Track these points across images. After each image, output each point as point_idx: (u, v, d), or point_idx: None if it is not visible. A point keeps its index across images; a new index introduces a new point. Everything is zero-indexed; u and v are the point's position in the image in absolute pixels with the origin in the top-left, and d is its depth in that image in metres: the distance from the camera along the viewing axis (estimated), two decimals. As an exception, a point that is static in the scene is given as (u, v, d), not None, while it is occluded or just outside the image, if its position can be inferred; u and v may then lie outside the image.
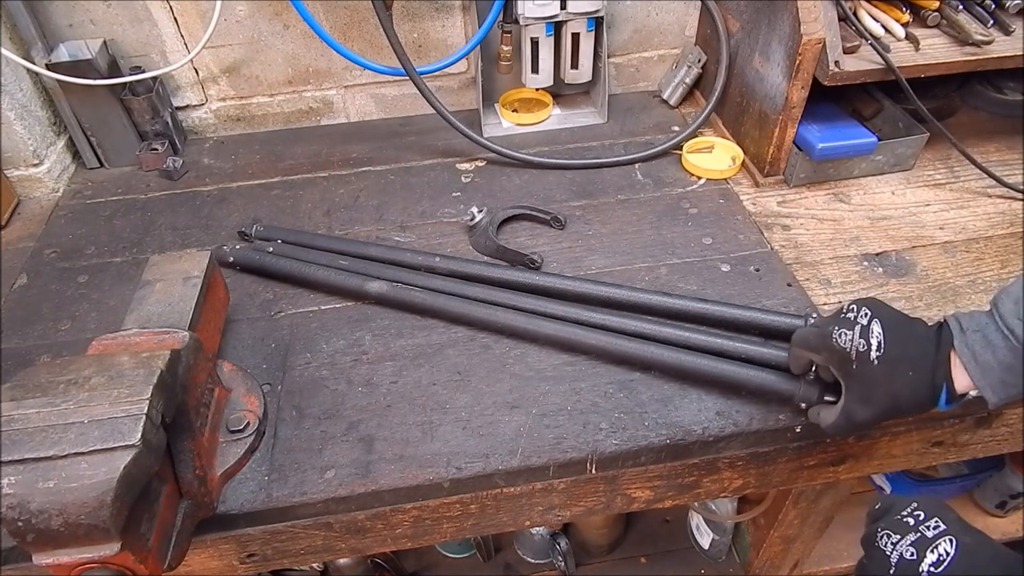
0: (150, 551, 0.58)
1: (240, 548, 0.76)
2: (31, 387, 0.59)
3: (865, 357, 0.60)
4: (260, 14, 1.15)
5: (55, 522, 0.52)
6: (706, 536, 1.43)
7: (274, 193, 1.13)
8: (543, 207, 1.05)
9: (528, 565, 1.49)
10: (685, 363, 0.77)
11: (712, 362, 0.76)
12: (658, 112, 1.30)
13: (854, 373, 0.62)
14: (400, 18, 1.17)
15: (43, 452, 0.54)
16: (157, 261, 0.80)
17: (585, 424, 0.76)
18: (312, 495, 0.71)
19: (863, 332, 0.61)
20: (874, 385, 0.61)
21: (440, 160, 1.19)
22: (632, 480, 0.79)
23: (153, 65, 1.16)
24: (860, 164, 1.09)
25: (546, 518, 0.82)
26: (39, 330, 0.90)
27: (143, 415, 0.56)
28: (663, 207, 1.07)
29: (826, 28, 0.93)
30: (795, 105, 1.00)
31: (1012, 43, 0.98)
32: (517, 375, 0.82)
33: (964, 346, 0.59)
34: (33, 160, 1.11)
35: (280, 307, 0.92)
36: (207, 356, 0.72)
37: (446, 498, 0.75)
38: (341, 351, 0.86)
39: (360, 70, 1.22)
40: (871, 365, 0.60)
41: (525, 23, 1.12)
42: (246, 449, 0.73)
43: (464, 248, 1.01)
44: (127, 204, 1.12)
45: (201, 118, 1.26)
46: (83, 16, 1.11)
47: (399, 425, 0.77)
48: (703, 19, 1.24)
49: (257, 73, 1.22)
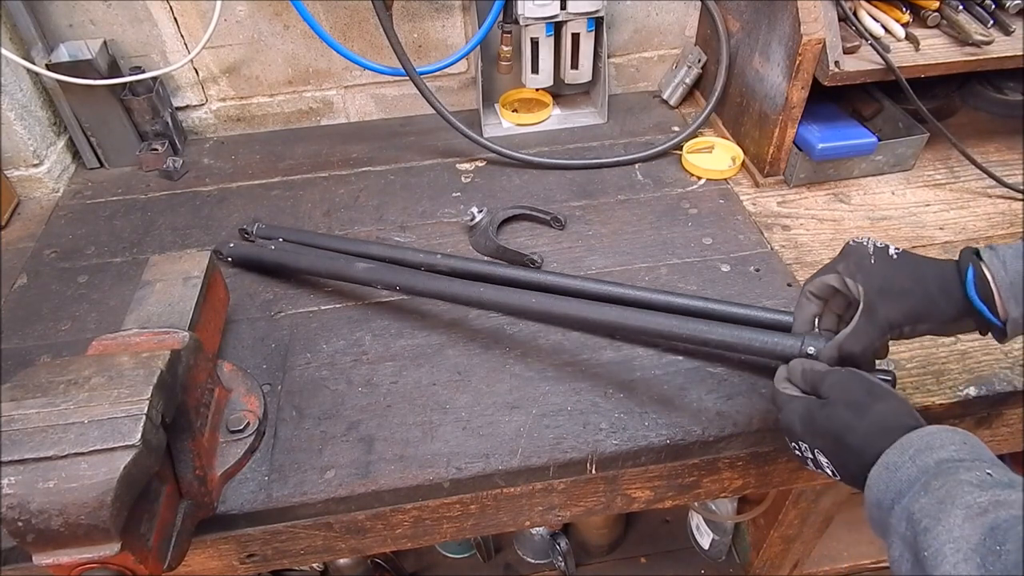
0: (150, 551, 0.58)
1: (240, 548, 0.76)
2: (31, 387, 0.59)
3: (884, 252, 0.59)
4: (260, 14, 1.15)
5: (55, 522, 0.52)
6: (706, 536, 1.43)
7: (274, 193, 1.13)
8: (543, 207, 1.05)
9: (528, 565, 1.49)
10: (685, 329, 0.74)
11: (711, 326, 0.73)
12: (658, 112, 1.30)
13: (872, 269, 0.58)
14: (400, 18, 1.18)
15: (43, 452, 0.53)
16: (157, 261, 0.80)
17: (585, 424, 0.76)
18: (312, 495, 0.71)
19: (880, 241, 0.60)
20: (896, 274, 0.58)
21: (440, 160, 1.19)
22: (632, 480, 0.79)
23: (153, 65, 1.16)
24: (860, 164, 1.09)
25: (546, 518, 0.82)
26: (39, 330, 0.90)
27: (143, 415, 0.56)
28: (663, 207, 1.07)
29: (826, 28, 0.93)
30: (795, 105, 1.00)
31: (1012, 43, 0.98)
32: (517, 375, 0.82)
33: (994, 256, 0.56)
34: (33, 160, 1.11)
35: (280, 307, 0.92)
36: (207, 356, 0.72)
37: (446, 498, 0.75)
38: (341, 351, 0.86)
39: (360, 70, 1.22)
40: (891, 260, 0.58)
41: (525, 23, 1.12)
42: (246, 449, 0.73)
43: (464, 248, 1.01)
44: (127, 204, 1.12)
45: (201, 118, 1.26)
46: (83, 16, 1.11)
47: (399, 425, 0.77)
48: (703, 19, 1.24)
49: (257, 73, 1.22)
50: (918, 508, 0.43)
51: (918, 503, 0.43)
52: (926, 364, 0.82)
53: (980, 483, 0.42)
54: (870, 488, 0.50)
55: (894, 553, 0.45)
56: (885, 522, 0.47)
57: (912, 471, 0.46)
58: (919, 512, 0.43)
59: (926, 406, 0.78)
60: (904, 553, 0.44)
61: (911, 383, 0.79)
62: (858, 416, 0.53)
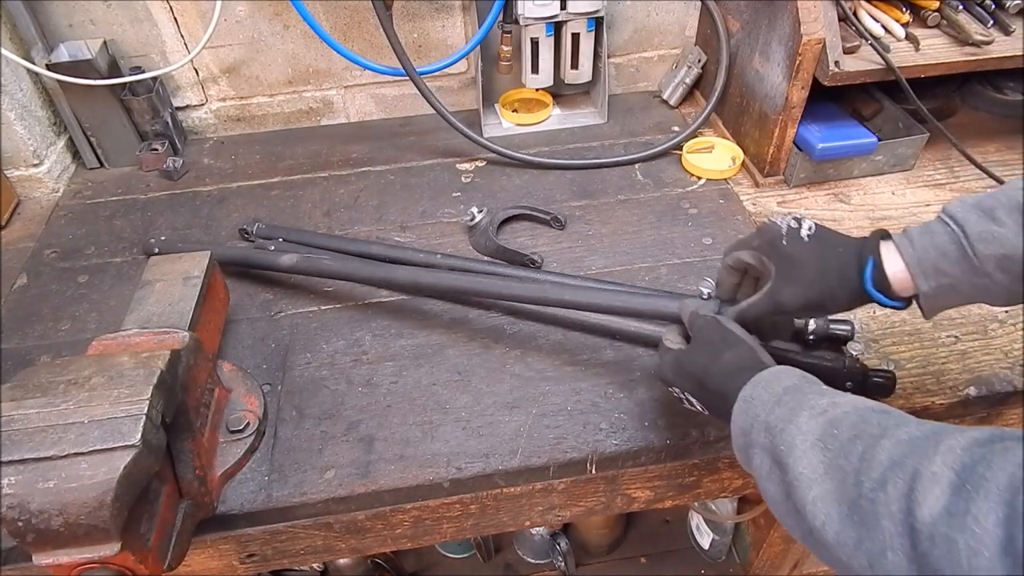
0: (150, 551, 0.58)
1: (240, 548, 0.76)
2: (31, 387, 0.59)
3: (795, 234, 0.63)
4: (260, 14, 1.15)
5: (55, 522, 0.52)
6: (706, 536, 1.43)
7: (274, 193, 1.13)
8: (543, 207, 1.05)
9: (528, 565, 1.49)
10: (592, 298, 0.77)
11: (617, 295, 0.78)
12: (658, 112, 1.30)
13: (784, 250, 0.62)
14: (400, 18, 1.17)
15: (43, 452, 0.54)
16: (157, 261, 0.80)
17: (585, 424, 0.76)
18: (312, 495, 0.71)
19: (795, 219, 0.64)
20: (804, 261, 0.62)
21: (440, 160, 1.19)
22: (632, 480, 0.79)
23: (153, 65, 1.16)
24: (860, 164, 1.09)
25: (546, 518, 0.82)
26: (39, 330, 0.90)
27: (143, 415, 0.56)
28: (663, 207, 1.07)
29: (826, 28, 0.93)
30: (795, 105, 1.00)
31: (1012, 43, 0.98)
32: (517, 375, 0.82)
33: (904, 234, 0.60)
34: (33, 160, 1.11)
35: (280, 307, 0.92)
36: (207, 356, 0.72)
37: (446, 498, 0.75)
38: (341, 351, 0.86)
39: (360, 70, 1.22)
40: (801, 242, 0.62)
41: (525, 23, 1.12)
42: (246, 449, 0.73)
43: (464, 248, 1.01)
44: (127, 204, 1.12)
45: (201, 118, 1.26)
46: (83, 16, 1.11)
47: (399, 425, 0.77)
48: (703, 19, 1.24)
49: (257, 73, 1.22)
50: (774, 418, 0.51)
51: (774, 414, 0.52)
52: (926, 364, 0.82)
53: (820, 393, 0.52)
54: (735, 422, 0.56)
55: (756, 461, 0.53)
56: (749, 444, 0.54)
57: (766, 397, 0.54)
58: (774, 420, 0.51)
59: (926, 406, 0.78)
60: (764, 458, 0.51)
61: (911, 383, 0.79)
62: (713, 361, 0.61)
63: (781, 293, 0.62)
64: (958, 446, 0.40)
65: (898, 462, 0.41)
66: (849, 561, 0.42)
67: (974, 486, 0.36)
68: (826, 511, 0.44)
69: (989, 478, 0.36)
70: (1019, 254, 0.54)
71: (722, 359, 0.60)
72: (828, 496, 0.44)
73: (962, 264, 0.56)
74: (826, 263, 0.61)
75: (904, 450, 0.42)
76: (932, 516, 0.37)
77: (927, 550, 0.37)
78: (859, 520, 0.42)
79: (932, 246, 0.57)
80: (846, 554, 0.43)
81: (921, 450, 0.41)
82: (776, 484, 0.49)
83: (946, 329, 0.86)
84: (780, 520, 0.51)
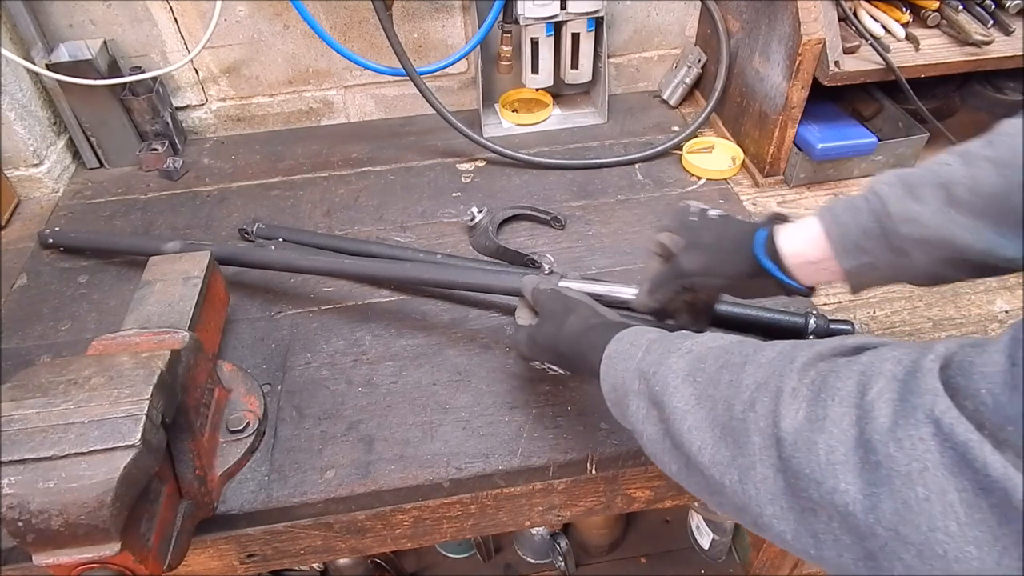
0: (150, 551, 0.58)
1: (240, 548, 0.76)
2: (31, 387, 0.59)
3: (703, 213, 0.68)
4: (260, 14, 1.15)
5: (55, 522, 0.52)
6: (706, 536, 1.43)
7: (274, 193, 1.13)
8: (543, 207, 1.05)
9: (528, 565, 1.49)
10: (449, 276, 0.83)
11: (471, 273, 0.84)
12: (658, 112, 1.30)
13: (691, 223, 0.67)
14: (400, 18, 1.18)
15: (43, 452, 0.53)
16: (157, 261, 0.80)
17: (585, 424, 0.76)
18: (312, 495, 0.71)
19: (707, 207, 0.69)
20: (706, 231, 0.66)
21: (440, 160, 1.19)
22: (632, 480, 0.79)
23: (153, 65, 1.16)
24: (860, 164, 1.09)
25: (546, 518, 0.82)
26: (39, 330, 0.90)
27: (143, 415, 0.56)
28: (663, 207, 1.07)
29: (826, 28, 0.93)
30: (795, 105, 1.00)
31: (1012, 43, 0.98)
32: (517, 375, 0.82)
33: (827, 210, 0.61)
34: (33, 160, 1.11)
35: (280, 307, 0.92)
36: (207, 356, 0.72)
37: (446, 498, 0.75)
38: (341, 351, 0.86)
39: (360, 70, 1.22)
40: (708, 219, 0.67)
41: (525, 23, 1.12)
42: (246, 449, 0.73)
43: (464, 248, 1.01)
44: (127, 204, 1.12)
45: (201, 118, 1.26)
46: (83, 16, 1.11)
47: (399, 425, 0.77)
48: (703, 19, 1.24)
49: (257, 73, 1.22)
50: (646, 364, 0.54)
51: (645, 361, 0.54)
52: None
53: (684, 337, 0.55)
54: (604, 379, 0.58)
55: (632, 407, 0.54)
56: (623, 394, 0.55)
57: (633, 350, 0.56)
58: (646, 365, 0.54)
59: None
60: (641, 402, 0.53)
61: (911, 383, 0.79)
62: (559, 328, 0.65)
63: (682, 258, 0.67)
64: (810, 362, 0.44)
65: (762, 383, 0.45)
66: (721, 479, 0.45)
67: (828, 395, 0.41)
68: (701, 437, 0.47)
69: (840, 387, 0.40)
70: (938, 236, 0.54)
71: (567, 324, 0.64)
72: (702, 423, 0.47)
73: (881, 242, 0.56)
74: (725, 233, 0.66)
75: (766, 372, 0.46)
76: (795, 425, 0.41)
77: (790, 454, 0.41)
78: (732, 440, 0.45)
79: (854, 224, 0.58)
80: (719, 472, 0.46)
81: (780, 369, 0.45)
82: (654, 424, 0.52)
83: (946, 329, 0.86)
84: (658, 463, 0.53)
